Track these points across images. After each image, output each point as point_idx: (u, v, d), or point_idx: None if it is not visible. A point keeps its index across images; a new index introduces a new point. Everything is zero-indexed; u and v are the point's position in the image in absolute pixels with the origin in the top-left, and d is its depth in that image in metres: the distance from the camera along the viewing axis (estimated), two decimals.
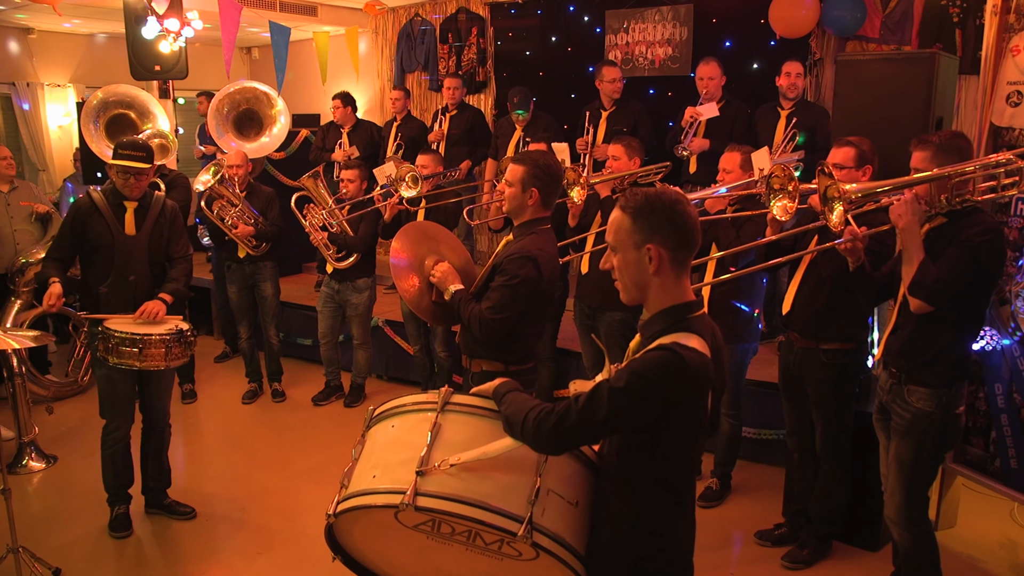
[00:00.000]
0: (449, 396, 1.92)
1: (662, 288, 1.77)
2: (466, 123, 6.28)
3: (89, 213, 3.59)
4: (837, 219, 2.64)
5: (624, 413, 1.66)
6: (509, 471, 1.80)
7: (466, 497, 1.75)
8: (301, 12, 7.44)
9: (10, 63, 8.15)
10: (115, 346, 3.41)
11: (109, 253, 3.58)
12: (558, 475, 1.82)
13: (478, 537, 1.83)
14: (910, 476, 2.79)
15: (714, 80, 5.10)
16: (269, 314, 5.43)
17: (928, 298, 2.57)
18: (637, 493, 1.78)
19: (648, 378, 1.64)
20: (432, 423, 1.88)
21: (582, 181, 3.70)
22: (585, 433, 1.72)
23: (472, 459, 1.79)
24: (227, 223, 5.06)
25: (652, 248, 1.74)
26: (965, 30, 5.04)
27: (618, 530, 1.80)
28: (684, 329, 1.72)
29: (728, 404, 3.89)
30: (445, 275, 2.91)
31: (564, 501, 1.81)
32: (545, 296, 2.84)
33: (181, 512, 3.96)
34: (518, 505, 1.75)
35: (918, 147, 2.70)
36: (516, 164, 2.80)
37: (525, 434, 1.73)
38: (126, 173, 3.57)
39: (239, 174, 5.14)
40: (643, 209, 1.75)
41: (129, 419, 3.75)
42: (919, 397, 2.73)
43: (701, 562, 3.55)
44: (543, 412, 1.71)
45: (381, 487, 1.84)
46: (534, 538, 1.72)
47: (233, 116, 5.96)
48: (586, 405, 1.67)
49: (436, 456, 1.81)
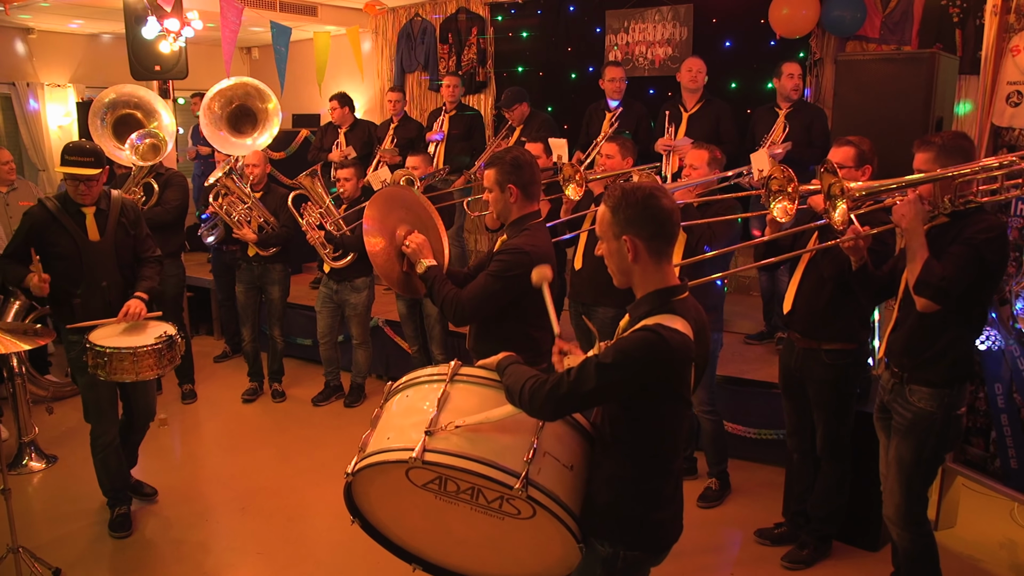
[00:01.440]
0: (458, 368, 2.14)
1: (643, 274, 1.95)
2: (465, 125, 6.27)
3: (46, 223, 3.48)
4: (840, 217, 2.63)
5: (610, 386, 1.85)
6: (509, 433, 2.00)
7: (469, 454, 1.95)
8: (301, 12, 7.44)
9: (10, 63, 8.15)
10: (108, 361, 3.35)
11: (76, 262, 3.49)
12: (554, 440, 2.02)
13: (480, 495, 2.02)
14: (910, 476, 2.79)
15: (701, 73, 5.15)
16: (275, 316, 5.43)
17: (934, 296, 2.57)
18: (626, 458, 1.97)
19: (633, 355, 1.82)
20: (441, 392, 2.09)
21: (578, 178, 3.72)
22: (574, 402, 1.90)
23: (476, 422, 2.00)
24: (233, 218, 5.06)
25: (628, 239, 1.91)
26: (965, 30, 5.04)
27: (609, 491, 1.99)
28: (668, 311, 1.88)
29: (704, 400, 3.88)
30: (420, 247, 2.88)
31: (559, 463, 2.00)
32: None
33: (144, 493, 4.01)
34: (516, 463, 1.94)
35: (921, 148, 2.70)
36: (487, 169, 2.84)
37: (522, 401, 1.92)
38: (75, 180, 3.45)
39: (255, 173, 5.14)
40: (619, 202, 1.92)
41: (115, 422, 3.74)
42: (921, 397, 2.73)
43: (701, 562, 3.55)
44: (538, 382, 1.91)
45: (394, 446, 2.05)
46: (529, 492, 1.90)
47: (227, 113, 5.94)
48: (577, 377, 1.86)
49: (444, 419, 2.02)
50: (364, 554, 3.45)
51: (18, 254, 3.50)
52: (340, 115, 6.54)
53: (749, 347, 5.10)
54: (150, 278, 3.68)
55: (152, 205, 5.02)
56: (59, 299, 3.53)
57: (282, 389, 5.59)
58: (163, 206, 5.03)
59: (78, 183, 3.47)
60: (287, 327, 6.19)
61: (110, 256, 3.57)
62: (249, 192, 5.11)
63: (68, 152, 3.46)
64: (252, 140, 5.79)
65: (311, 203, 5.02)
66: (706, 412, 3.91)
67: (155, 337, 3.45)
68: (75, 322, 3.50)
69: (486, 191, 2.87)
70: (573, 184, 3.73)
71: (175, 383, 5.58)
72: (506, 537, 2.14)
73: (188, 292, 5.98)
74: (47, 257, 3.47)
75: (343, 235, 4.97)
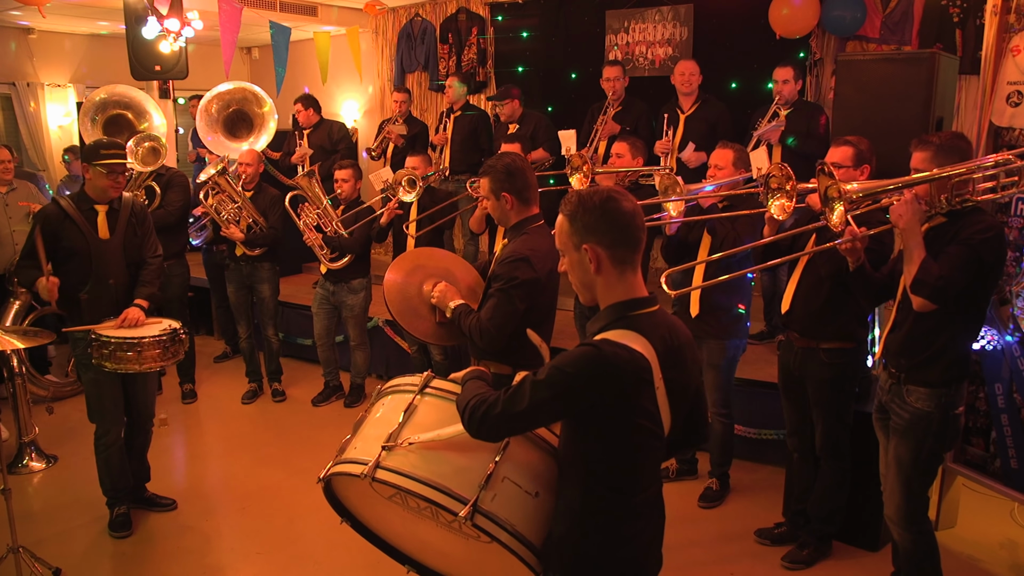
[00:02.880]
0: (429, 380, 2.05)
1: (606, 286, 1.79)
2: (470, 125, 6.26)
3: (59, 221, 3.51)
4: (838, 219, 2.64)
5: (543, 405, 1.70)
6: (467, 454, 1.88)
7: (419, 475, 1.85)
8: (301, 12, 7.43)
9: (10, 63, 8.15)
10: (112, 352, 3.38)
11: (86, 259, 3.53)
12: (517, 464, 1.88)
13: (439, 515, 1.89)
14: (909, 476, 2.79)
15: (695, 75, 5.15)
16: (267, 315, 5.42)
17: (931, 296, 2.57)
18: (582, 490, 1.79)
19: (565, 371, 1.68)
20: (408, 404, 2.01)
21: (585, 170, 3.70)
22: (509, 422, 1.76)
23: (427, 440, 1.90)
24: (222, 216, 5.06)
25: (588, 248, 1.76)
26: (965, 30, 5.04)
27: (564, 523, 1.83)
28: (624, 327, 1.73)
29: (718, 403, 3.88)
30: (443, 294, 2.90)
31: (520, 490, 1.87)
32: (545, 291, 2.85)
33: (162, 504, 3.97)
34: (468, 488, 1.82)
35: (918, 148, 2.70)
36: (482, 177, 2.84)
37: (464, 420, 1.80)
38: (114, 172, 3.50)
39: (248, 172, 5.14)
40: (576, 210, 1.78)
41: (119, 422, 3.75)
42: (918, 397, 2.73)
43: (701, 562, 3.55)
44: (478, 400, 1.77)
45: (354, 458, 1.99)
46: (475, 520, 1.78)
47: (223, 117, 5.95)
48: (511, 395, 1.73)
49: (404, 435, 1.94)
50: (364, 554, 3.43)
51: (34, 254, 3.55)
52: (306, 117, 6.57)
53: (750, 347, 5.07)
54: (151, 283, 3.68)
55: (155, 208, 5.02)
56: (67, 296, 3.56)
57: (282, 389, 5.59)
58: (166, 208, 5.04)
59: (117, 175, 3.53)
60: (287, 327, 6.19)
61: (118, 255, 3.61)
62: (240, 191, 5.11)
63: (103, 147, 3.54)
64: (248, 145, 5.82)
65: (308, 204, 5.02)
66: (720, 415, 3.91)
67: (160, 329, 3.50)
68: (81, 318, 3.53)
69: (482, 199, 2.88)
70: (579, 175, 3.71)
71: (175, 383, 5.58)
72: (478, 556, 2.03)
73: (189, 292, 5.98)
74: (57, 253, 3.52)
75: (340, 236, 4.97)
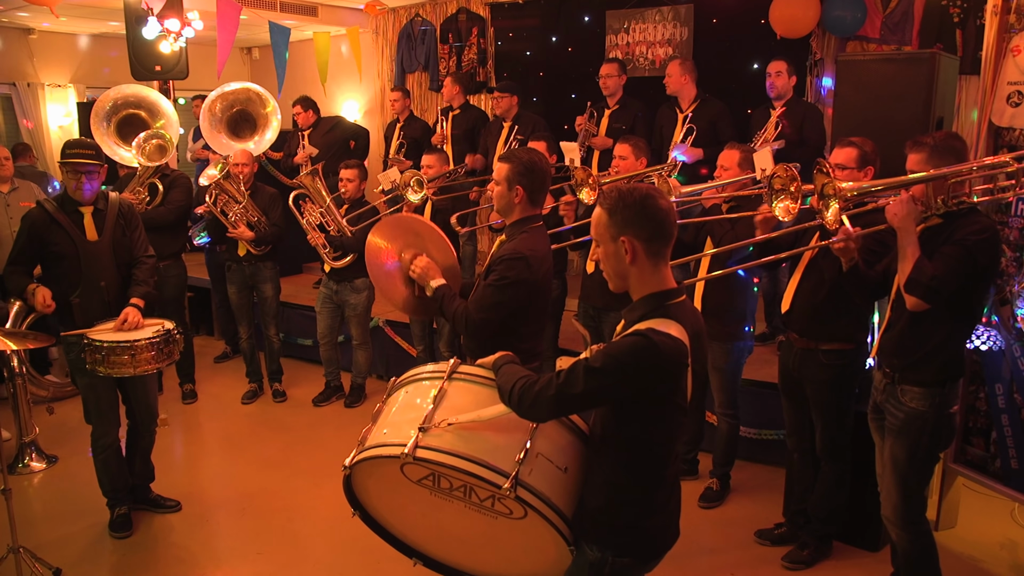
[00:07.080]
0: (456, 366, 2.16)
1: (640, 277, 1.92)
2: (468, 123, 6.26)
3: (45, 225, 3.47)
4: (832, 217, 2.64)
5: (597, 390, 1.83)
6: (503, 433, 1.99)
7: (460, 452, 1.95)
8: (301, 12, 7.44)
9: (10, 63, 8.15)
10: (105, 356, 3.36)
11: (75, 262, 3.49)
12: (549, 441, 2.01)
13: (473, 493, 2.01)
14: (905, 476, 2.79)
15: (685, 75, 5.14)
16: (269, 314, 5.42)
17: (924, 296, 2.58)
18: (618, 462, 1.94)
19: (621, 360, 1.80)
20: (439, 389, 2.10)
21: (591, 181, 3.69)
22: (562, 405, 1.88)
23: (468, 420, 2.01)
24: (230, 219, 5.07)
25: (626, 240, 1.89)
26: (965, 30, 5.04)
27: (601, 496, 1.97)
28: (662, 315, 1.85)
29: (725, 404, 3.89)
30: (426, 270, 2.89)
31: (553, 465, 1.99)
32: (541, 294, 2.83)
33: (167, 506, 3.97)
34: (507, 463, 1.93)
35: (913, 149, 2.70)
36: (502, 162, 2.81)
37: (512, 402, 1.92)
38: (76, 171, 3.43)
39: (244, 172, 5.14)
40: (616, 204, 1.90)
41: (116, 423, 3.74)
42: (912, 396, 2.74)
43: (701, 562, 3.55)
44: (528, 383, 1.90)
45: (389, 441, 2.06)
46: (518, 492, 1.89)
47: (227, 117, 5.96)
48: (565, 380, 1.84)
49: (438, 417, 2.03)
50: (364, 554, 3.45)
51: (22, 259, 3.51)
52: (305, 119, 6.56)
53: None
54: (145, 283, 3.65)
55: (156, 205, 5.03)
56: (58, 300, 3.52)
57: (282, 389, 5.59)
58: (167, 206, 5.04)
59: (79, 175, 3.45)
60: (287, 327, 6.19)
61: (108, 256, 3.57)
62: (243, 191, 5.11)
63: (68, 146, 3.49)
64: (253, 144, 5.82)
65: (311, 203, 5.02)
66: (726, 415, 3.91)
67: (153, 331, 3.47)
68: (74, 322, 3.50)
69: (493, 182, 2.86)
70: (587, 188, 3.70)
71: (176, 383, 5.58)
72: (501, 536, 2.14)
73: (188, 292, 5.99)
74: (46, 257, 3.48)
75: (343, 236, 4.97)
